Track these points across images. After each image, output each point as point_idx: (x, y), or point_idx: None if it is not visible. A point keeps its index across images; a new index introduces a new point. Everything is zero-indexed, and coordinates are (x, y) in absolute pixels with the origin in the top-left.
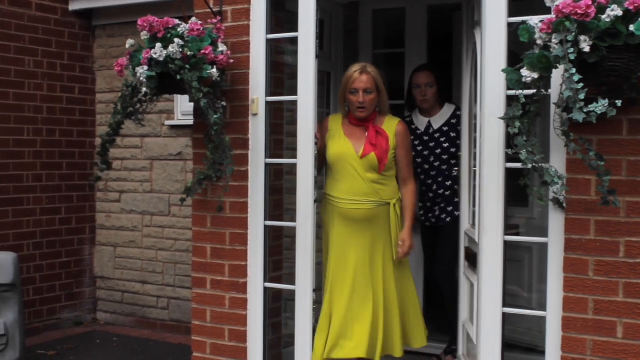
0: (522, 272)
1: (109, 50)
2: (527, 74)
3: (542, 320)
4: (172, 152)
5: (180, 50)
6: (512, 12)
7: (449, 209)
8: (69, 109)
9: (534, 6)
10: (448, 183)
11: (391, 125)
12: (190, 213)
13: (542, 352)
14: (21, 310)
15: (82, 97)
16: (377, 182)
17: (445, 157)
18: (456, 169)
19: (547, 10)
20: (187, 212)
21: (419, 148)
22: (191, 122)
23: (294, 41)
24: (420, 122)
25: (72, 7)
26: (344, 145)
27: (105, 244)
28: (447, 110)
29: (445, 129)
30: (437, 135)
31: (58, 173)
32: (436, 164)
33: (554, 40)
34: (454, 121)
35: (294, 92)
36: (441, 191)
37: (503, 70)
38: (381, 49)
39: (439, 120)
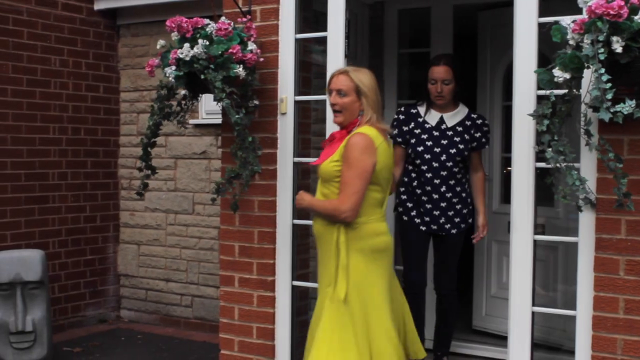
0: (546, 271)
1: (133, 49)
2: (559, 74)
3: (566, 320)
4: (197, 150)
5: (205, 50)
6: (542, 12)
7: (456, 219)
8: (94, 107)
9: (564, 6)
10: (458, 188)
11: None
12: (215, 212)
13: (567, 352)
14: (49, 307)
15: (106, 96)
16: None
17: (458, 158)
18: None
19: (577, 10)
20: (211, 210)
21: (429, 143)
22: (215, 121)
23: (320, 40)
24: (432, 116)
25: (97, 6)
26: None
27: (129, 242)
28: (462, 110)
29: (459, 129)
30: (450, 134)
31: (83, 171)
32: (449, 164)
33: (585, 41)
34: (468, 123)
35: (321, 92)
36: (449, 195)
37: (535, 71)
38: (406, 48)
39: (453, 119)
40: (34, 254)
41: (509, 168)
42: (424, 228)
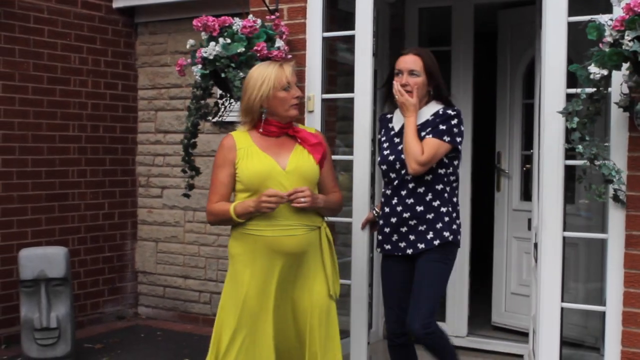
0: (567, 268)
1: (151, 47)
2: (595, 70)
3: (587, 316)
4: (215, 148)
5: (224, 49)
6: (571, 12)
7: (429, 235)
8: (112, 105)
9: (591, 4)
10: (410, 201)
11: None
12: None
13: (589, 348)
14: (72, 304)
15: (124, 93)
16: None
17: None
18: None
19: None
20: None
21: (386, 152)
22: (234, 119)
23: (345, 39)
24: (397, 119)
25: (116, 4)
26: (265, 162)
27: (147, 239)
28: (431, 108)
29: (421, 133)
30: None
31: (102, 169)
32: (402, 171)
33: (626, 37)
34: (430, 118)
35: (347, 89)
36: (419, 209)
37: (570, 68)
38: (427, 46)
39: (417, 119)
40: (57, 251)
41: (528, 165)
42: (397, 253)
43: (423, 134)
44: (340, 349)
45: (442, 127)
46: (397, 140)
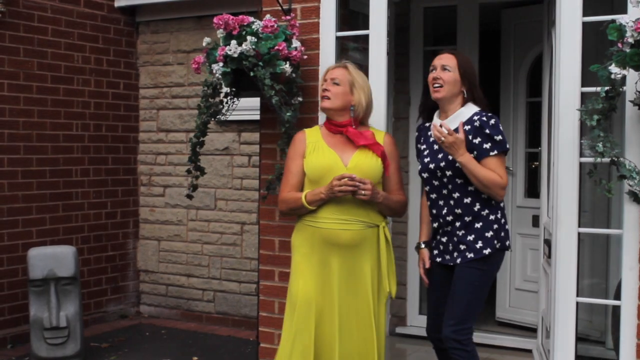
0: None
1: (153, 46)
2: (616, 70)
3: (592, 311)
4: (219, 147)
5: (253, 47)
6: (585, 11)
7: (462, 247)
8: (115, 104)
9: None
10: (458, 211)
11: (378, 136)
12: (237, 207)
13: (594, 342)
14: (81, 303)
15: (126, 92)
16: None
17: (449, 173)
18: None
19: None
20: (234, 206)
21: (426, 160)
22: (237, 118)
23: (353, 38)
24: (435, 123)
25: (118, 3)
26: (329, 157)
27: (149, 238)
28: (465, 112)
29: (459, 126)
30: None
31: (104, 168)
32: (444, 179)
33: None
34: (467, 127)
35: None
36: (450, 218)
37: (592, 68)
38: (432, 46)
39: (452, 123)
40: (66, 250)
41: (536, 163)
42: (438, 259)
43: (475, 141)
44: (384, 348)
45: (497, 137)
46: (436, 147)
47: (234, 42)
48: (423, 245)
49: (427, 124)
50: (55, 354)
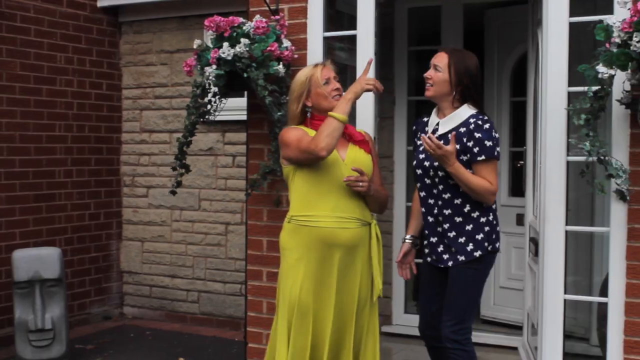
0: None
1: (136, 46)
2: (603, 70)
3: (577, 308)
4: (202, 147)
5: (247, 49)
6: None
7: (452, 249)
8: (97, 104)
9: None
10: (448, 212)
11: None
12: (222, 207)
13: (579, 339)
14: (66, 304)
15: (109, 93)
16: (360, 197)
17: (441, 173)
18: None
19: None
20: (218, 206)
21: (422, 156)
22: (221, 118)
23: (338, 38)
24: (431, 122)
25: (100, 3)
26: None
27: (132, 239)
28: (461, 114)
29: (451, 137)
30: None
31: (87, 169)
32: (435, 179)
33: (635, 39)
34: (462, 129)
35: (345, 88)
36: (440, 218)
37: (580, 68)
38: (416, 46)
39: (447, 124)
40: (51, 252)
41: (520, 162)
42: (428, 259)
43: (469, 144)
44: (379, 344)
45: (488, 143)
46: None
47: (226, 44)
48: (407, 240)
49: (425, 119)
50: (41, 356)
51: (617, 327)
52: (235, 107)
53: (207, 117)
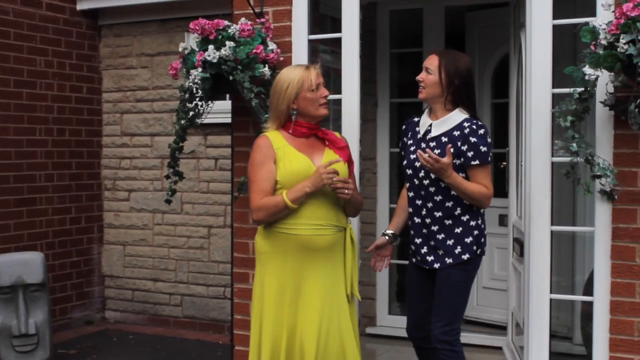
0: None
1: (116, 49)
2: (590, 71)
3: (559, 308)
4: (185, 150)
5: (232, 52)
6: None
7: (440, 251)
8: (78, 108)
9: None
10: (438, 214)
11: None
12: (204, 211)
13: (561, 337)
14: (50, 309)
15: (89, 96)
16: (336, 203)
17: (433, 176)
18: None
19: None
20: (200, 209)
21: (412, 157)
22: (204, 121)
23: (323, 41)
24: (423, 123)
25: (80, 6)
26: (302, 162)
27: (114, 243)
28: (454, 117)
29: (444, 139)
30: (432, 145)
31: (68, 172)
32: (425, 181)
33: (622, 41)
34: (456, 133)
35: (334, 90)
36: (428, 220)
37: (567, 70)
38: (398, 48)
39: (440, 126)
40: (34, 257)
41: (504, 163)
42: (414, 260)
43: (463, 148)
44: (359, 348)
45: (483, 148)
46: (423, 145)
47: (211, 47)
48: (384, 233)
49: (416, 119)
50: None
51: (602, 326)
52: (217, 110)
53: (196, 120)
